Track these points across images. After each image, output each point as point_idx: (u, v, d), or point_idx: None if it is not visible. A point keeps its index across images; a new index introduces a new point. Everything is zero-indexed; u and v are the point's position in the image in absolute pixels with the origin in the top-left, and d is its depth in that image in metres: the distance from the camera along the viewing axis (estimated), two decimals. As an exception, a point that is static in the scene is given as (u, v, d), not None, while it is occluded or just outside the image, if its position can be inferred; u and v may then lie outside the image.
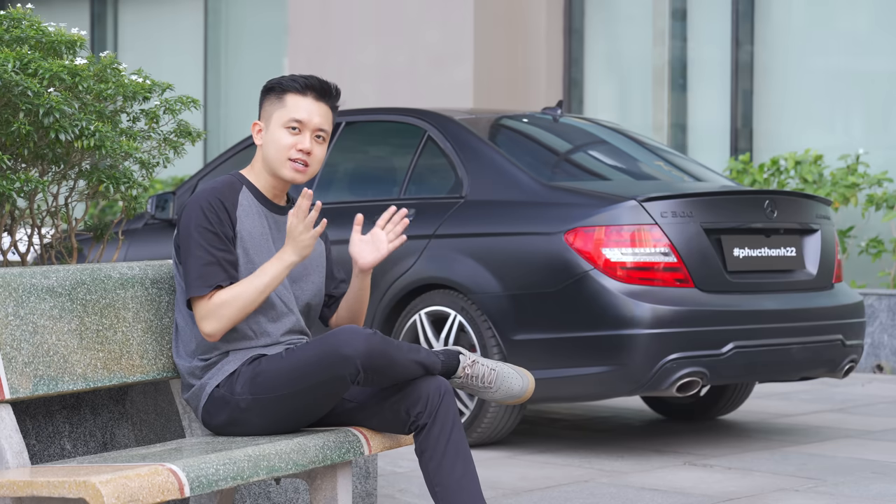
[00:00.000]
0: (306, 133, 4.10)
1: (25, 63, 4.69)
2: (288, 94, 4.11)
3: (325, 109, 4.13)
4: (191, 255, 3.99)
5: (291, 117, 4.09)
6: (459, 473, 3.92)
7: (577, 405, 8.01)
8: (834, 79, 11.42)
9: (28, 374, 3.75)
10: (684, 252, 6.31)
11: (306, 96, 4.11)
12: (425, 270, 6.64)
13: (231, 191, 4.09)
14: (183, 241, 4.03)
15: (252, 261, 4.06)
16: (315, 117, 4.10)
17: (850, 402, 8.19)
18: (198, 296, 3.97)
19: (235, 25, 14.71)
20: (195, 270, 3.98)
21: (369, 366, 3.86)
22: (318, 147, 4.13)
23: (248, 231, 4.08)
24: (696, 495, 5.50)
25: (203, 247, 3.98)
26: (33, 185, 4.71)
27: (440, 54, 12.20)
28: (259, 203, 4.14)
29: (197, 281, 3.97)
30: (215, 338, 4.00)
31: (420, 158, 6.96)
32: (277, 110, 4.11)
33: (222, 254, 4.00)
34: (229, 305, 3.97)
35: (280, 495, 4.74)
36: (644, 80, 12.25)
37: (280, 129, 4.10)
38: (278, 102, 4.11)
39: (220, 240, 4.00)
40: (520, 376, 4.14)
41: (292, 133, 4.09)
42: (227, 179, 4.14)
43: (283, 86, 4.12)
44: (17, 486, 3.44)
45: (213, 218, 4.01)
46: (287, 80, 4.13)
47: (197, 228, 4.00)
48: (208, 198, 4.03)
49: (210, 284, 3.96)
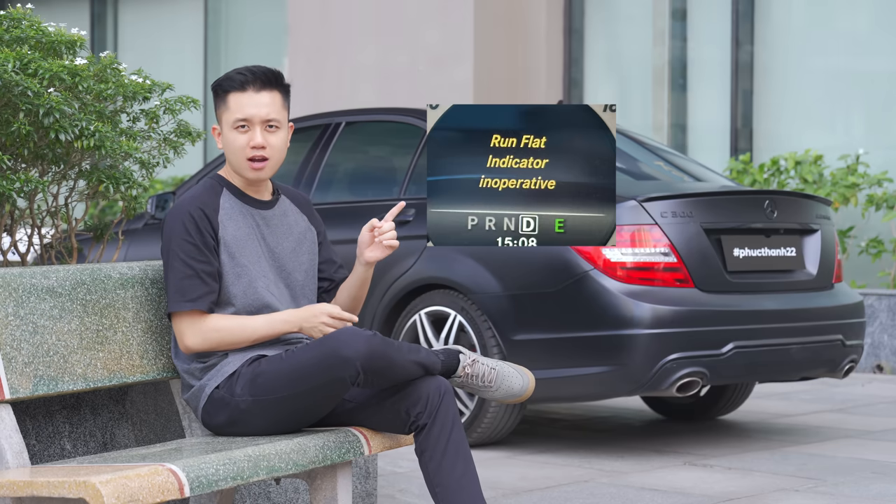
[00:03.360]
0: (255, 128, 4.07)
1: (25, 63, 4.69)
2: (229, 95, 4.07)
3: (268, 98, 4.08)
4: (170, 268, 4.01)
5: (236, 117, 4.06)
6: (459, 473, 3.92)
7: (577, 405, 8.01)
8: (834, 79, 11.42)
9: (28, 374, 3.75)
10: (684, 252, 6.31)
11: (246, 91, 4.06)
12: (425, 270, 6.64)
13: (212, 195, 4.08)
14: (164, 253, 4.04)
15: (239, 263, 4.05)
16: (261, 110, 4.06)
17: (850, 402, 8.19)
18: (177, 311, 3.98)
19: (235, 25, 14.72)
20: (174, 284, 3.99)
21: (369, 367, 3.86)
22: (272, 136, 4.08)
23: (233, 234, 4.07)
24: (696, 495, 5.50)
25: (182, 259, 3.98)
26: (33, 185, 4.70)
27: (440, 54, 12.19)
28: (242, 203, 4.13)
29: (176, 295, 3.98)
30: (192, 352, 4.02)
31: (420, 158, 6.96)
32: (224, 113, 4.09)
33: (202, 265, 3.99)
34: (221, 334, 4.00)
35: (280, 495, 4.74)
36: (644, 80, 12.25)
37: (231, 131, 4.08)
38: (223, 104, 4.09)
39: (200, 251, 4.00)
40: (520, 375, 4.14)
41: (242, 132, 4.07)
42: (208, 183, 4.13)
43: (223, 86, 4.09)
44: (17, 486, 3.44)
45: (193, 229, 4.00)
46: (226, 79, 4.09)
47: (176, 240, 4.00)
48: (188, 208, 4.02)
49: (189, 300, 3.97)
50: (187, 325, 3.99)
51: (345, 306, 4.30)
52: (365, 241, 4.21)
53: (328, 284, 4.32)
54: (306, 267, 4.22)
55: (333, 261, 4.34)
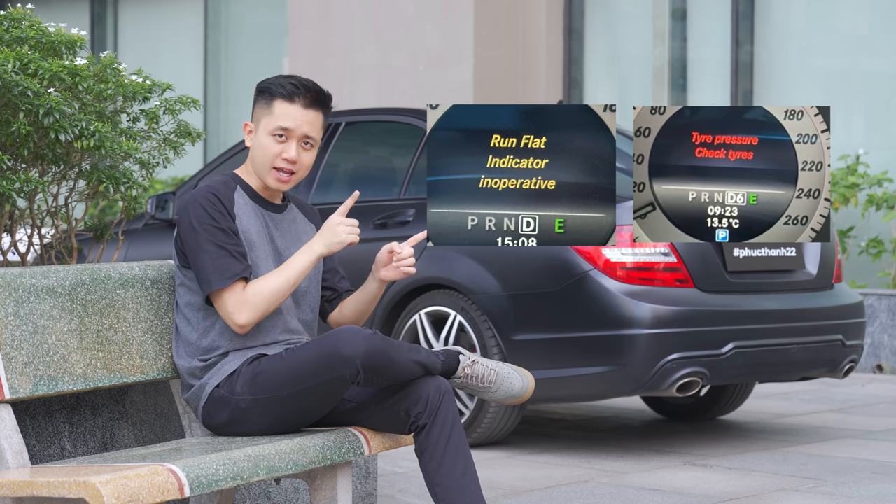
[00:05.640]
0: (293, 141, 4.08)
1: (25, 63, 4.69)
2: (276, 101, 4.08)
3: (313, 116, 4.10)
4: (201, 251, 3.98)
5: (278, 125, 4.07)
6: (459, 473, 3.92)
7: (577, 405, 8.01)
8: (834, 79, 11.42)
9: (28, 374, 3.75)
10: (684, 252, 6.31)
11: (294, 103, 4.07)
12: (425, 270, 6.64)
13: (227, 189, 4.09)
14: (189, 240, 4.01)
15: (249, 258, 4.06)
16: (303, 126, 4.08)
17: (850, 402, 8.19)
18: (221, 288, 3.97)
19: (235, 25, 14.71)
20: (210, 265, 3.96)
21: (369, 366, 3.86)
22: (305, 154, 4.11)
23: (246, 227, 4.08)
24: (696, 495, 5.50)
25: (212, 242, 3.98)
26: (33, 185, 4.70)
27: (440, 54, 12.20)
28: (254, 202, 4.14)
29: (216, 275, 3.96)
30: (247, 329, 3.99)
31: (420, 158, 6.96)
32: (265, 116, 4.09)
33: (233, 246, 4.00)
34: (264, 296, 3.99)
35: (280, 495, 4.74)
36: (644, 80, 12.25)
37: (267, 136, 4.08)
38: (266, 108, 4.09)
39: (227, 234, 4.01)
40: (520, 376, 4.14)
41: (279, 141, 4.07)
42: (222, 179, 4.14)
43: (271, 91, 4.09)
44: (17, 486, 3.44)
45: (216, 213, 4.01)
46: (277, 84, 4.09)
47: (201, 226, 3.99)
48: (206, 195, 4.03)
49: (230, 276, 3.96)
50: (233, 301, 3.97)
51: (348, 319, 4.31)
52: (382, 261, 4.22)
53: (331, 294, 4.33)
54: (311, 274, 4.22)
55: (337, 270, 4.35)
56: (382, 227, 6.83)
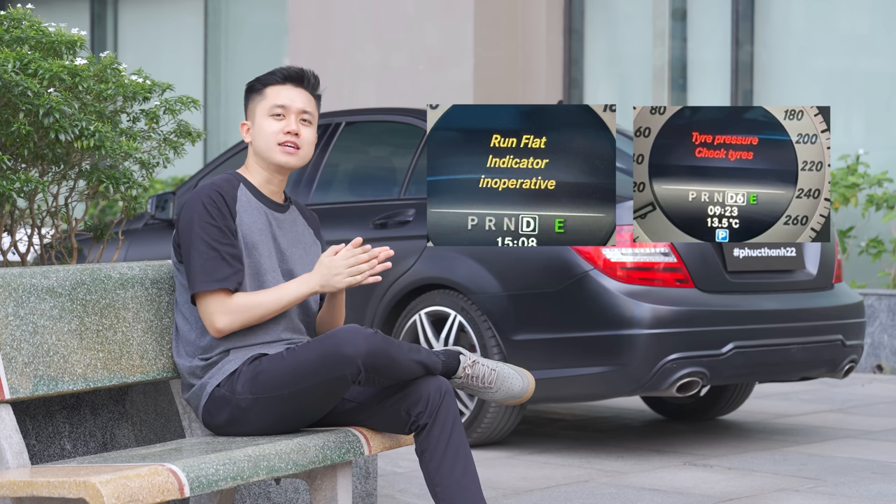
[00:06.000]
0: (291, 117, 4.16)
1: (25, 63, 4.69)
2: (268, 88, 4.19)
3: (305, 95, 4.20)
4: (193, 249, 4.01)
5: (274, 104, 4.16)
6: (460, 473, 3.92)
7: (577, 405, 8.01)
8: (834, 79, 11.42)
9: (28, 374, 3.75)
10: (684, 252, 6.31)
11: (285, 85, 4.18)
12: (425, 270, 6.64)
13: (230, 186, 4.13)
14: (184, 236, 4.04)
15: (251, 254, 4.07)
16: (297, 101, 4.17)
17: (850, 402, 8.19)
18: (204, 290, 3.98)
19: (235, 25, 14.71)
20: (198, 265, 3.99)
21: (370, 365, 3.86)
22: (306, 129, 4.19)
23: (248, 225, 4.09)
24: (696, 495, 5.50)
25: (205, 241, 4.00)
26: (33, 185, 4.70)
27: (440, 54, 12.20)
28: (257, 200, 4.15)
29: (202, 276, 3.98)
30: (223, 334, 4.01)
31: (420, 158, 6.96)
32: (260, 103, 4.19)
33: (225, 248, 4.01)
34: (250, 311, 4.02)
35: (280, 495, 4.74)
36: (644, 80, 12.25)
37: (266, 119, 4.17)
38: (259, 97, 4.20)
39: (223, 233, 4.02)
40: (520, 377, 4.14)
41: (277, 119, 4.16)
42: (225, 177, 4.17)
43: (261, 81, 4.21)
44: (17, 486, 3.44)
45: (215, 212, 4.03)
46: (264, 75, 4.23)
47: (199, 223, 4.01)
48: (209, 192, 4.06)
49: (215, 280, 3.97)
50: (215, 305, 4.00)
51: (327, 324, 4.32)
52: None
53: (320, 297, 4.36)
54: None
55: None
56: (382, 227, 6.83)
